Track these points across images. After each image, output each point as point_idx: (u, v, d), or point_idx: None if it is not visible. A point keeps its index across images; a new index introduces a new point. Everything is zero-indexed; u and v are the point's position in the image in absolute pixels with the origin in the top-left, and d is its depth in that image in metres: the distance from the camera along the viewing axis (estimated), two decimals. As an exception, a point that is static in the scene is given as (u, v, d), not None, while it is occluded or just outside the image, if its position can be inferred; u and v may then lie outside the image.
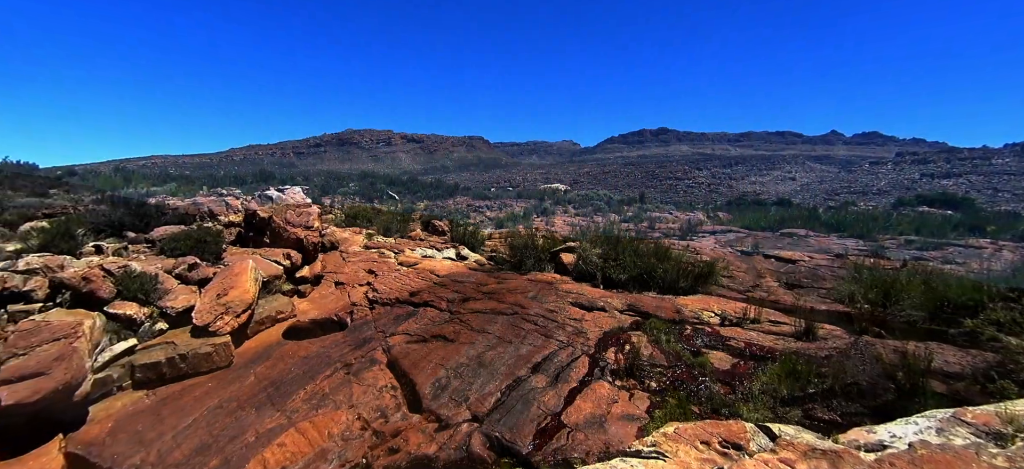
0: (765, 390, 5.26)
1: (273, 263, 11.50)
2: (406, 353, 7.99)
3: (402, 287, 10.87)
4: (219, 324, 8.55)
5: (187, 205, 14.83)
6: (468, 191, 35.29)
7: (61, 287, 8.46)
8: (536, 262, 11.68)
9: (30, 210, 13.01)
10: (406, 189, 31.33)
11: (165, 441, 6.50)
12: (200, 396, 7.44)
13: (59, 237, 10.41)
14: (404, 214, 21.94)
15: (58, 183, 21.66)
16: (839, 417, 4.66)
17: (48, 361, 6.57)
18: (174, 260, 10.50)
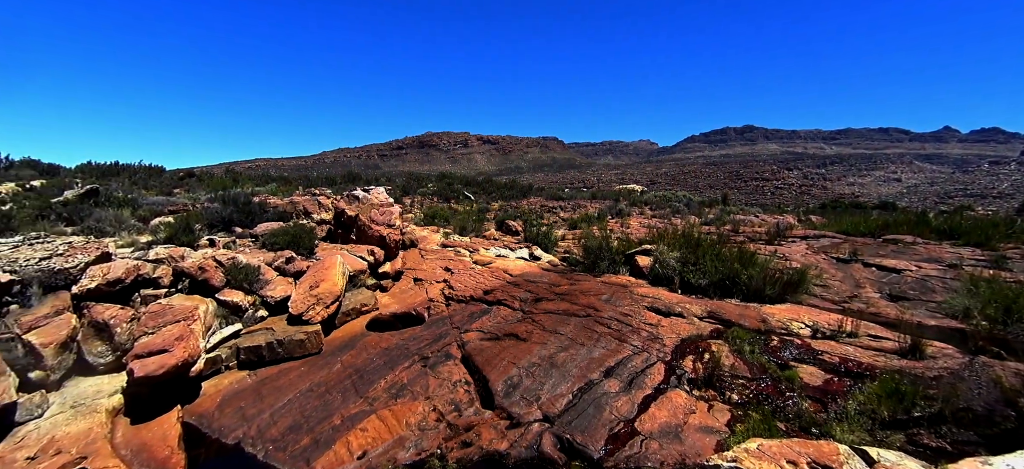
0: (862, 410, 4.81)
1: (358, 259, 12.24)
2: (480, 350, 8.19)
3: (476, 285, 11.14)
4: (311, 314, 9.26)
5: (285, 204, 16.21)
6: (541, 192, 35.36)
7: (182, 275, 9.58)
8: (610, 264, 11.48)
9: (159, 207, 14.87)
10: (481, 189, 32.07)
11: (264, 418, 7.15)
12: (294, 379, 8.10)
13: (181, 231, 11.79)
14: (479, 214, 22.44)
15: (180, 183, 24.49)
16: (949, 445, 4.16)
17: (171, 340, 7.46)
18: (273, 253, 11.50)
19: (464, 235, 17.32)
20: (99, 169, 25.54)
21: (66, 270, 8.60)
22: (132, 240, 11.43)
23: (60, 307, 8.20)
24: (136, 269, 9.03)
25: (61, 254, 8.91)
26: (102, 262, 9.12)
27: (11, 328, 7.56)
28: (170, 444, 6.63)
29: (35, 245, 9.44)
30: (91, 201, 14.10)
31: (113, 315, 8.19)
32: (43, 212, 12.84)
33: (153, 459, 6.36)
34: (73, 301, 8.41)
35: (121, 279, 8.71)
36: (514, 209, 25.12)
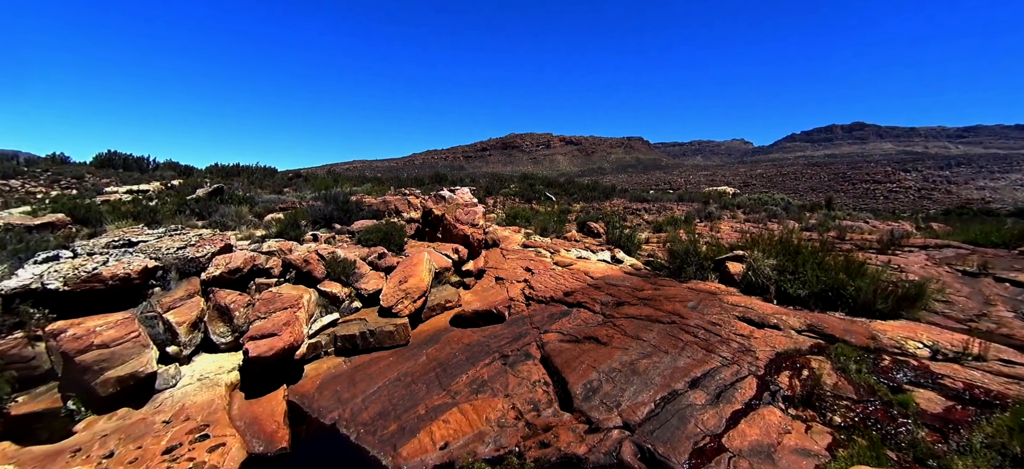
0: (990, 444, 4.19)
1: (443, 256, 12.72)
2: (559, 351, 8.19)
3: (557, 286, 11.14)
4: (400, 307, 9.78)
5: (379, 203, 17.27)
6: (625, 193, 34.48)
7: (289, 266, 10.54)
8: (698, 270, 10.96)
9: (271, 205, 16.50)
10: (562, 190, 31.99)
11: (356, 402, 7.67)
12: (383, 368, 8.61)
13: (289, 227, 12.98)
14: (560, 215, 22.38)
15: (289, 183, 26.96)
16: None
17: (279, 325, 8.24)
18: (367, 249, 12.30)
19: (545, 236, 17.37)
20: (224, 170, 28.83)
21: (197, 259, 9.80)
22: (249, 234, 12.77)
23: (191, 291, 9.37)
24: (252, 260, 10.07)
25: (193, 245, 10.17)
26: (225, 253, 10.28)
27: (154, 307, 8.77)
28: (277, 419, 7.33)
29: (174, 236, 10.85)
30: (217, 198, 15.94)
31: (233, 300, 9.21)
32: (180, 207, 14.73)
33: (263, 432, 7.06)
34: (202, 286, 9.57)
35: (240, 269, 9.76)
36: (596, 211, 24.77)
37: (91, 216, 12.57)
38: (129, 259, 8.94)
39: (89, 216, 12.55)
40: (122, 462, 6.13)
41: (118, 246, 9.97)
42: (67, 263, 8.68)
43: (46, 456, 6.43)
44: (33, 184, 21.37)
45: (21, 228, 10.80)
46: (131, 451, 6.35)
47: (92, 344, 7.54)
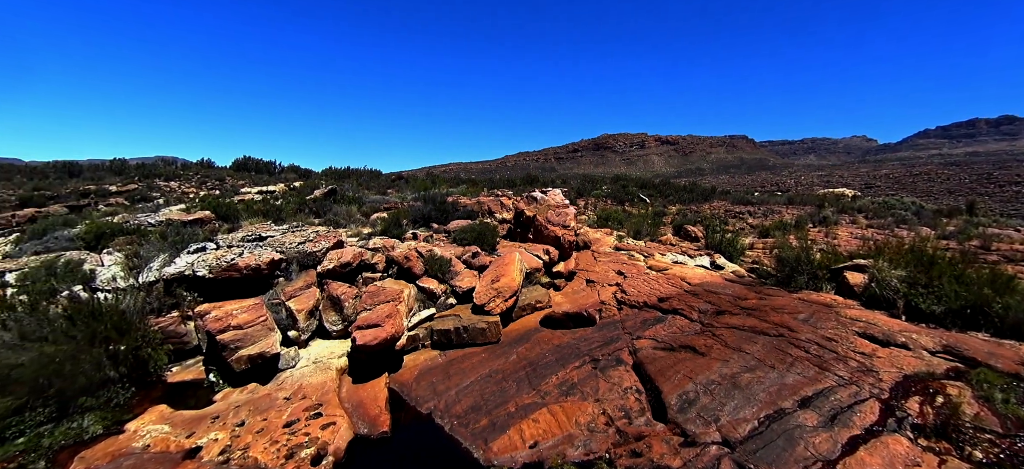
0: None
1: (534, 257, 12.85)
2: (652, 359, 7.92)
3: (651, 291, 10.78)
4: (492, 305, 10.05)
5: (473, 203, 17.89)
6: (727, 195, 32.38)
7: (392, 262, 11.27)
8: (810, 279, 10.03)
9: (376, 204, 17.78)
10: (657, 192, 30.82)
11: (450, 395, 8.01)
12: (475, 364, 8.90)
13: (392, 225, 13.88)
14: (655, 217, 21.61)
15: (392, 184, 28.82)
16: None
17: (383, 317, 8.84)
18: (462, 248, 12.79)
19: (638, 239, 16.88)
20: (336, 173, 31.53)
21: (314, 253, 10.82)
22: (357, 231, 13.85)
23: (309, 282, 10.36)
24: (360, 255, 10.91)
25: (311, 240, 11.23)
26: (337, 248, 11.24)
27: (278, 295, 9.82)
28: (379, 404, 7.88)
29: (295, 232, 12.08)
30: (331, 199, 17.48)
31: (343, 292, 10.04)
32: (300, 206, 16.36)
33: (367, 415, 7.63)
34: (317, 278, 10.54)
35: (349, 263, 10.61)
36: (694, 213, 23.58)
37: (230, 213, 14.39)
38: (259, 252, 10.09)
39: (229, 213, 14.38)
40: (251, 431, 6.94)
41: (251, 240, 11.30)
42: (212, 254, 10.01)
43: (192, 419, 7.47)
44: (187, 185, 24.93)
45: (178, 223, 12.66)
46: (258, 422, 7.17)
47: (229, 325, 8.64)
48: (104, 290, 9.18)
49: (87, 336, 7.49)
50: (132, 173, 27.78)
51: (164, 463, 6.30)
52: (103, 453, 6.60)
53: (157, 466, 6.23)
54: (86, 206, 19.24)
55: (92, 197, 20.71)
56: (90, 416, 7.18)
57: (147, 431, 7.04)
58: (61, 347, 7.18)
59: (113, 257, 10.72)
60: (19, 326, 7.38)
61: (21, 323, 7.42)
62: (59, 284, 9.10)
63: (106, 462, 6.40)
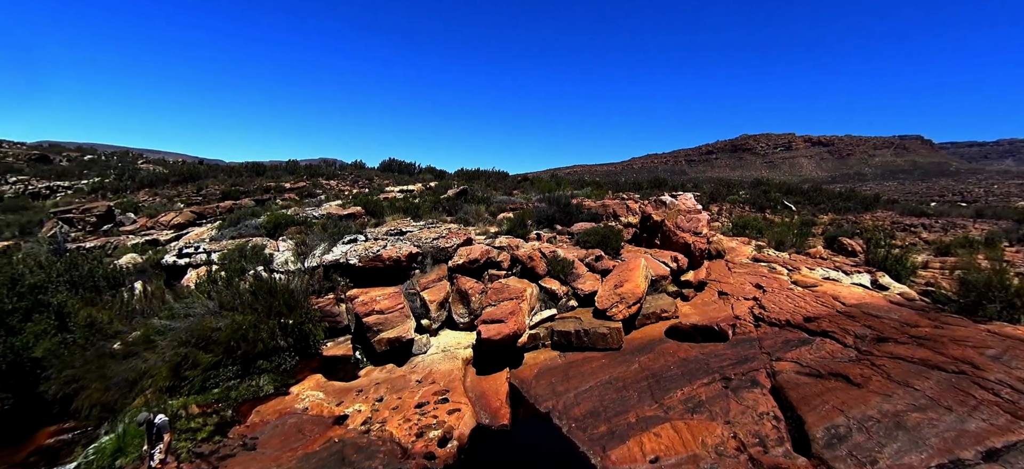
0: None
1: (661, 264, 12.30)
2: (795, 384, 7.11)
3: (795, 309, 9.68)
4: (614, 311, 9.84)
5: (597, 206, 17.71)
6: (894, 204, 27.69)
7: (516, 261, 11.61)
8: (1005, 309, 8.22)
9: (503, 205, 18.49)
10: (806, 199, 27.46)
11: (569, 397, 8.01)
12: (595, 369, 8.78)
13: (517, 225, 14.30)
14: (801, 227, 19.37)
15: (518, 186, 29.69)
16: None
17: (506, 313, 9.15)
18: (585, 251, 12.72)
19: (782, 250, 15.27)
20: (467, 174, 33.40)
21: (446, 248, 11.57)
22: (485, 230, 14.51)
23: (441, 275, 11.10)
24: (487, 253, 11.42)
25: (444, 237, 12.04)
26: (466, 245, 11.89)
27: (414, 286, 10.68)
28: (500, 397, 8.17)
29: (430, 228, 13.05)
30: (462, 198, 18.57)
31: (470, 287, 10.59)
32: (435, 205, 17.63)
33: (488, 406, 7.95)
34: (448, 272, 11.26)
35: (477, 260, 11.16)
36: (851, 224, 20.65)
37: (377, 209, 16.03)
38: (400, 245, 11.07)
39: (375, 209, 16.03)
40: (388, 407, 7.65)
41: (393, 234, 12.46)
42: (362, 245, 11.23)
43: (341, 390, 8.45)
44: (342, 183, 28.28)
45: (336, 217, 14.44)
46: (394, 400, 7.87)
47: (373, 310, 9.61)
48: (278, 271, 10.80)
49: (265, 309, 8.88)
50: (302, 173, 32.39)
51: (318, 425, 7.23)
52: (273, 410, 7.77)
53: (313, 427, 7.17)
54: (268, 200, 22.87)
55: (272, 192, 24.54)
56: (264, 377, 8.51)
57: (306, 395, 8.14)
58: (247, 317, 8.60)
59: (287, 244, 12.58)
60: (219, 297, 9.00)
61: (221, 295, 9.04)
62: (247, 264, 10.91)
63: (275, 417, 7.53)
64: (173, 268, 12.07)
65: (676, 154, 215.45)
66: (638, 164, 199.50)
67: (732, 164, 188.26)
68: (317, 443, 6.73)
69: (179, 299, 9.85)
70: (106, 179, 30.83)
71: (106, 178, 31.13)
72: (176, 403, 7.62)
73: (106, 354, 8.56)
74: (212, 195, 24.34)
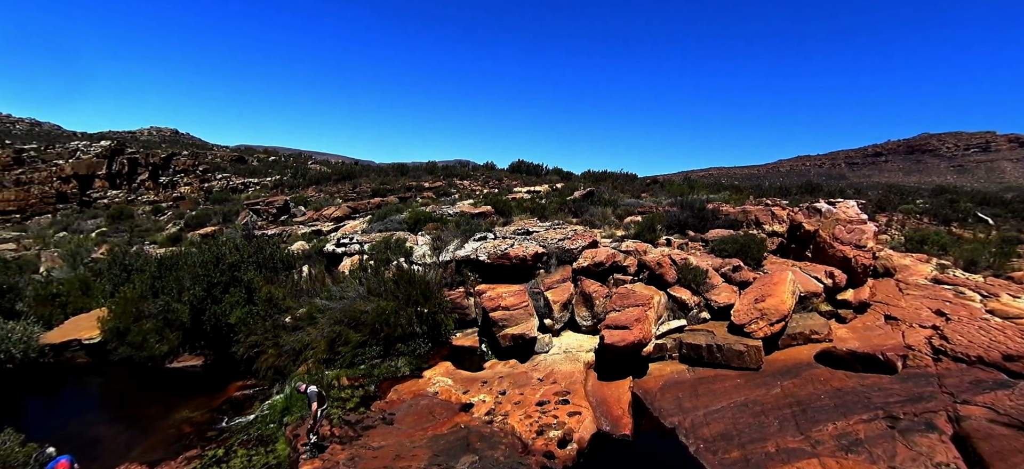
0: None
1: (813, 279, 10.94)
2: (986, 434, 5.84)
3: (990, 343, 7.93)
4: (753, 328, 8.98)
5: (737, 212, 16.30)
6: None
7: (643, 267, 11.19)
8: None
9: (630, 208, 17.97)
10: (1008, 211, 22.27)
11: (698, 415, 7.49)
12: (728, 388, 8.10)
13: (645, 229, 13.79)
14: (1004, 245, 15.82)
15: (646, 188, 28.63)
16: None
17: (631, 320, 8.86)
18: (721, 260, 11.80)
19: (973, 272, 12.63)
20: (593, 176, 33.08)
21: (571, 250, 11.58)
22: (611, 233, 14.24)
23: (565, 276, 11.13)
24: (612, 256, 11.18)
25: (569, 238, 12.06)
26: (591, 248, 11.76)
27: (539, 285, 10.85)
28: (622, 406, 7.93)
29: (556, 229, 13.16)
30: (588, 200, 18.45)
31: (595, 290, 10.45)
32: (561, 206, 17.76)
33: (609, 413, 7.77)
34: (572, 274, 11.24)
35: (602, 263, 10.98)
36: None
37: (505, 209, 16.63)
38: (526, 245, 11.34)
39: (504, 209, 16.64)
40: (510, 401, 7.87)
41: (520, 233, 12.81)
42: (490, 243, 11.72)
43: (468, 380, 8.91)
44: (474, 183, 29.83)
45: (468, 215, 15.28)
46: (516, 394, 8.08)
47: (499, 305, 9.97)
48: (417, 264, 11.74)
49: (405, 298, 9.71)
50: (439, 173, 34.91)
51: (447, 410, 7.71)
52: (408, 390, 8.46)
53: (442, 410, 7.67)
54: (409, 198, 25.02)
55: (413, 191, 26.80)
56: (401, 359, 9.30)
57: (437, 381, 8.73)
58: (390, 303, 9.48)
59: (425, 238, 13.64)
60: (368, 284, 10.06)
61: (369, 282, 10.09)
62: (391, 256, 12.04)
63: (409, 397, 8.19)
64: (332, 255, 13.77)
65: (833, 156, 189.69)
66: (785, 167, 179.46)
67: (907, 168, 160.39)
68: (445, 426, 7.17)
69: (336, 283, 11.24)
70: (284, 177, 36.32)
71: (284, 176, 36.69)
72: (330, 374, 8.69)
73: (280, 325, 10.09)
74: (364, 192, 27.33)
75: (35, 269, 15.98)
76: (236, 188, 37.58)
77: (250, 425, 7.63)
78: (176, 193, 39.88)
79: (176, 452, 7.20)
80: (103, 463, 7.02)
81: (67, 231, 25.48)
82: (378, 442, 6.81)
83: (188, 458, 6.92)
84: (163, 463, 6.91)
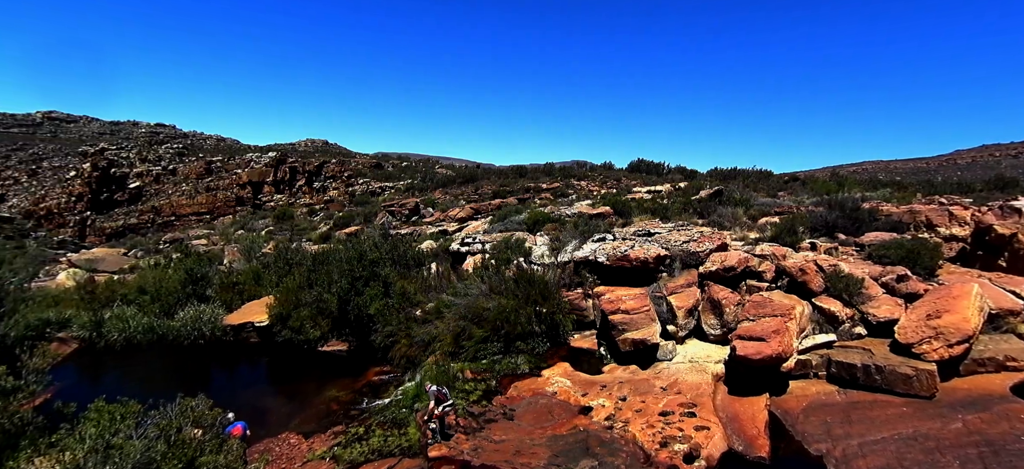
0: None
1: (1008, 294, 8.99)
2: None
3: None
4: (925, 348, 7.63)
5: (902, 212, 13.97)
6: None
7: (782, 273, 10.11)
8: None
9: (766, 208, 16.36)
10: None
11: (850, 444, 6.56)
12: (891, 417, 6.97)
13: (784, 232, 12.45)
14: None
15: (785, 186, 25.92)
16: None
17: (768, 331, 8.06)
18: (880, 267, 10.22)
19: None
20: (721, 173, 30.80)
21: (697, 253, 10.89)
22: (743, 235, 13.11)
23: (690, 281, 10.49)
24: (745, 261, 10.28)
25: (695, 240, 11.35)
26: (720, 251, 10.94)
27: (661, 289, 10.37)
28: (757, 425, 7.24)
29: (680, 231, 12.47)
30: (716, 200, 17.21)
31: (724, 296, 9.70)
32: (685, 206, 16.81)
33: (742, 432, 7.14)
34: (698, 278, 10.56)
35: (733, 267, 10.15)
36: None
37: (624, 209, 16.18)
38: (647, 246, 10.91)
39: (623, 209, 16.20)
40: (631, 408, 7.62)
41: (640, 235, 12.36)
42: (609, 244, 11.48)
43: (586, 382, 8.81)
44: (592, 184, 29.51)
45: (586, 216, 15.15)
46: (637, 401, 7.80)
47: (619, 308, 9.71)
48: (535, 264, 11.91)
49: (524, 297, 9.90)
50: (556, 174, 35.16)
51: (566, 411, 7.70)
52: (527, 388, 8.61)
53: (561, 411, 7.67)
54: (528, 199, 25.54)
55: (531, 192, 27.31)
56: (520, 357, 9.50)
57: (555, 381, 8.76)
58: (510, 302, 9.75)
59: (543, 239, 13.81)
60: (490, 282, 10.45)
61: (491, 280, 10.48)
62: (511, 255, 12.37)
63: (529, 395, 8.33)
64: (457, 254, 14.55)
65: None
66: (965, 158, 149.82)
67: None
68: (564, 427, 7.17)
69: (461, 280, 11.85)
70: (414, 181, 39.35)
71: (414, 180, 39.73)
72: (456, 366, 9.18)
73: (411, 318, 10.91)
74: (485, 194, 28.50)
75: (220, 261, 19.21)
76: (375, 191, 41.58)
77: (385, 408, 8.34)
78: (326, 196, 45.32)
79: (325, 427, 8.16)
80: (269, 431, 8.22)
81: (243, 229, 30.24)
82: (499, 436, 7.02)
83: (335, 433, 7.81)
84: (315, 435, 7.88)
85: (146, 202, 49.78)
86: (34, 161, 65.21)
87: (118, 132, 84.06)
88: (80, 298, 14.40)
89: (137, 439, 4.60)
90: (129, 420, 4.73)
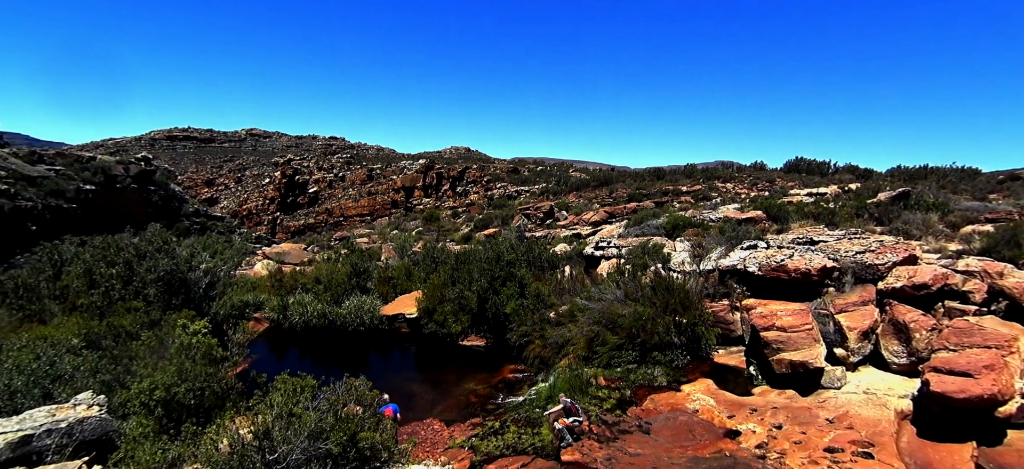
0: None
1: None
2: None
3: None
4: None
5: None
6: None
7: (998, 295, 8.15)
8: None
9: (972, 214, 13.29)
10: None
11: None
12: None
13: (1001, 243, 10.01)
14: None
15: (999, 187, 20.95)
16: None
17: (977, 366, 6.54)
18: None
19: None
20: (907, 172, 25.99)
21: (875, 266, 9.29)
22: (939, 246, 10.86)
23: (865, 298, 8.99)
24: (943, 278, 8.50)
25: (872, 251, 9.70)
26: (908, 264, 9.20)
27: (827, 306, 9.04)
28: (959, 479, 5.91)
29: (852, 239, 10.77)
30: (900, 203, 14.53)
31: (914, 319, 8.12)
32: (858, 211, 14.47)
33: (938, 484, 5.89)
34: (876, 295, 8.99)
35: (926, 285, 8.46)
36: None
37: (780, 214, 14.48)
38: (810, 256, 9.61)
39: (778, 214, 14.50)
40: (788, 438, 6.74)
41: (801, 243, 10.95)
42: (762, 252, 10.36)
43: (733, 403, 8.02)
44: (739, 186, 27.07)
45: (734, 221, 13.87)
46: (795, 432, 6.88)
47: (773, 325, 8.69)
48: (674, 271, 11.23)
49: (662, 305, 9.39)
50: (698, 176, 32.90)
51: (709, 432, 7.08)
52: (665, 402, 8.13)
53: (703, 431, 7.08)
54: (666, 202, 24.29)
55: (670, 195, 25.92)
56: (657, 369, 9.01)
57: (697, 397, 8.13)
58: (647, 309, 9.32)
59: (683, 244, 12.97)
60: (625, 288, 10.11)
61: (627, 286, 10.13)
62: (648, 261, 11.85)
63: (667, 410, 7.85)
64: (591, 258, 14.37)
65: None
66: None
67: None
68: (707, 449, 6.60)
69: (595, 285, 11.66)
70: (549, 184, 39.97)
71: (549, 184, 40.36)
72: (589, 371, 9.03)
73: (545, 320, 11.03)
74: (620, 197, 27.80)
75: (378, 257, 21.48)
76: (511, 195, 43.16)
77: (519, 406, 8.53)
78: (467, 200, 48.29)
79: (464, 417, 8.62)
80: (415, 414, 8.94)
81: (397, 230, 33.56)
82: (634, 449, 6.72)
83: (472, 424, 8.19)
84: (455, 424, 8.36)
85: (321, 205, 58.20)
86: (239, 170, 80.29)
87: (301, 145, 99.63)
88: (271, 285, 17.18)
89: (313, 410, 5.32)
90: (307, 393, 5.49)
